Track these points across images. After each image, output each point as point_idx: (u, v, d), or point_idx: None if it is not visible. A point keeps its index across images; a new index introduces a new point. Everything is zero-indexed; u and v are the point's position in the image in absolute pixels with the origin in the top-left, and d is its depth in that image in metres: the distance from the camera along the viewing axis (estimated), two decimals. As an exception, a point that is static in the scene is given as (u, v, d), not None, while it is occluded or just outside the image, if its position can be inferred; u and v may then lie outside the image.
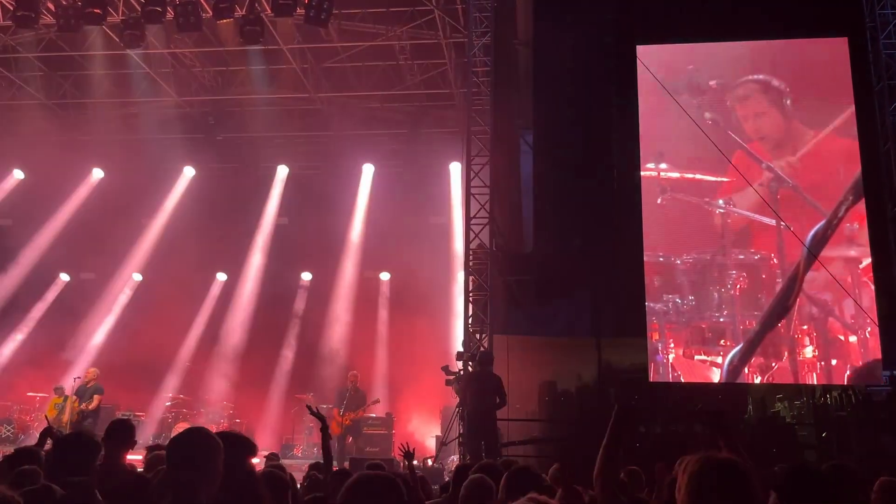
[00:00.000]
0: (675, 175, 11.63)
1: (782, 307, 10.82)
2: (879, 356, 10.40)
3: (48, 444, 5.15)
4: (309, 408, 5.87)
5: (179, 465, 2.71)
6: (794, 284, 10.81)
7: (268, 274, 17.35)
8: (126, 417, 12.09)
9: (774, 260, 11.12)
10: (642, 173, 11.59)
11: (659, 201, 11.56)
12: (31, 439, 10.89)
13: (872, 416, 10.36)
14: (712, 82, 11.81)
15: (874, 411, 10.42)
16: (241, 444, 3.03)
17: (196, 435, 2.80)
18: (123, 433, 4.35)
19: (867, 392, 10.61)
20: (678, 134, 11.50)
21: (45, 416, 11.29)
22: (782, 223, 10.90)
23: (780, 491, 2.96)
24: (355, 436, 12.94)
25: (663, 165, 11.65)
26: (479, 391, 9.97)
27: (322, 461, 5.26)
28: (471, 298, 11.51)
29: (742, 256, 11.21)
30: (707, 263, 11.27)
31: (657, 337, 11.13)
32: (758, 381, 10.89)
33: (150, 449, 5.83)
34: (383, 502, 2.32)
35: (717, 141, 11.12)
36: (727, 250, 11.27)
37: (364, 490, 2.32)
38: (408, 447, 5.44)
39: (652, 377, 10.96)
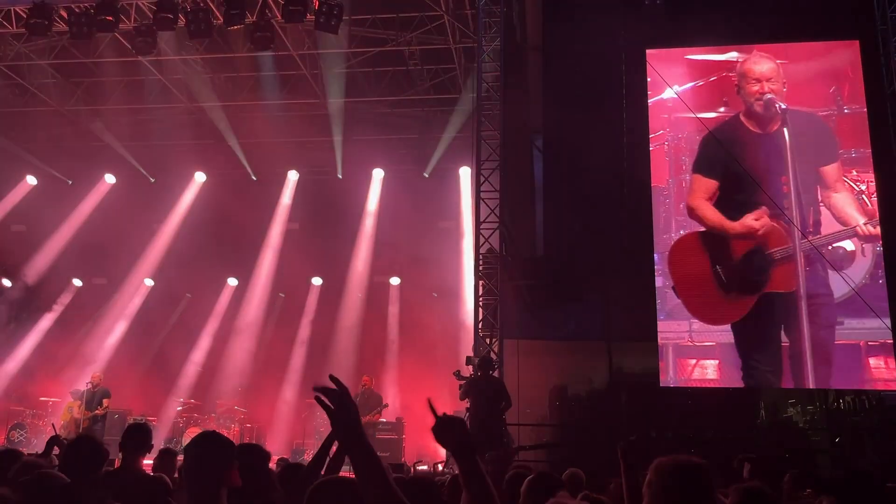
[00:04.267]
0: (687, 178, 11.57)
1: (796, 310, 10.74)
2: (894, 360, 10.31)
3: (55, 451, 5.19)
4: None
5: (196, 469, 2.73)
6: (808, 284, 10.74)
7: (278, 279, 17.41)
8: (143, 422, 12.12)
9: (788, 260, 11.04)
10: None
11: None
12: (42, 443, 10.93)
13: (886, 421, 10.28)
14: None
15: (888, 416, 10.34)
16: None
17: (208, 439, 2.83)
18: (140, 438, 4.38)
19: (880, 397, 10.53)
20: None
21: (52, 425, 11.34)
22: (794, 225, 10.84)
23: (840, 497, 2.94)
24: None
25: (674, 169, 11.60)
26: (478, 397, 9.91)
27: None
28: (481, 303, 11.49)
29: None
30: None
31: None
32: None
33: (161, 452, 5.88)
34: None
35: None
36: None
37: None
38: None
39: (663, 381, 10.90)
